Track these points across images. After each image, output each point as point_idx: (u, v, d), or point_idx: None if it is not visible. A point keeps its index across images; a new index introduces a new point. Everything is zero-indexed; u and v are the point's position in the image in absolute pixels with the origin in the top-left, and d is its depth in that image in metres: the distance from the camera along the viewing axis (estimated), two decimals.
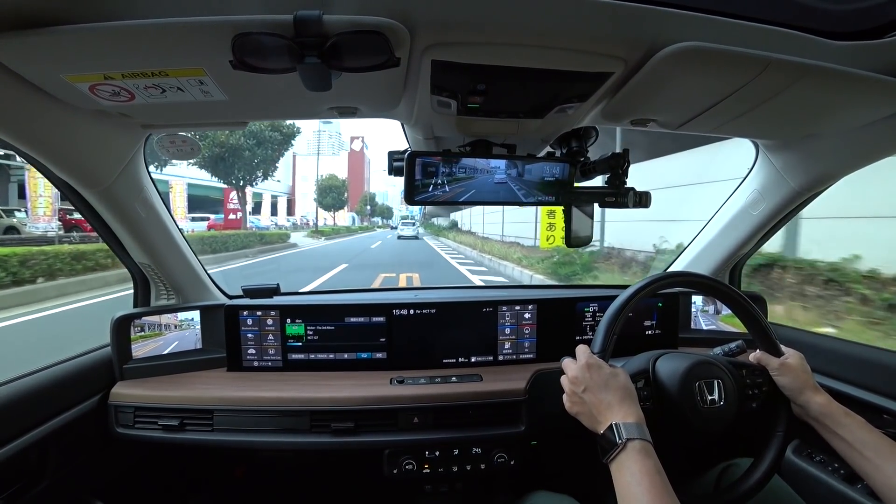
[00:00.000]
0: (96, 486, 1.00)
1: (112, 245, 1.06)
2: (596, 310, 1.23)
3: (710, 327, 1.31)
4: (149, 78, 0.58)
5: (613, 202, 0.89)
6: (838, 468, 0.96)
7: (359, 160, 69.29)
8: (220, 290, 1.27)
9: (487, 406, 1.01)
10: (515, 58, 0.57)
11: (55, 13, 0.48)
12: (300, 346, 1.15)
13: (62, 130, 0.73)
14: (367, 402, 0.99)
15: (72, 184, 0.87)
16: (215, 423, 0.98)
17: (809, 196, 1.07)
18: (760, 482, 0.71)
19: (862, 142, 0.86)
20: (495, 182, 0.82)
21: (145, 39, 0.50)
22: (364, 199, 57.89)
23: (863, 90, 0.65)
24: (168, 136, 0.93)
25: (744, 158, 1.16)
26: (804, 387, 0.72)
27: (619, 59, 0.59)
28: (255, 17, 0.47)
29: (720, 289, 0.79)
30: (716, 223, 1.27)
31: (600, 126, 0.89)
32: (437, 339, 1.17)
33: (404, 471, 0.99)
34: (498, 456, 1.01)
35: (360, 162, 69.49)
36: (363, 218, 57.55)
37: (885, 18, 0.55)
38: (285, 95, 0.69)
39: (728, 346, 0.87)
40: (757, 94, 0.66)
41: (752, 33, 0.54)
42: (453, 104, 0.71)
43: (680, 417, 0.71)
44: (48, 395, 0.89)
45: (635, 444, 0.58)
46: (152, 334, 1.10)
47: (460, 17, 0.51)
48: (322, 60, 0.50)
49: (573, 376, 0.68)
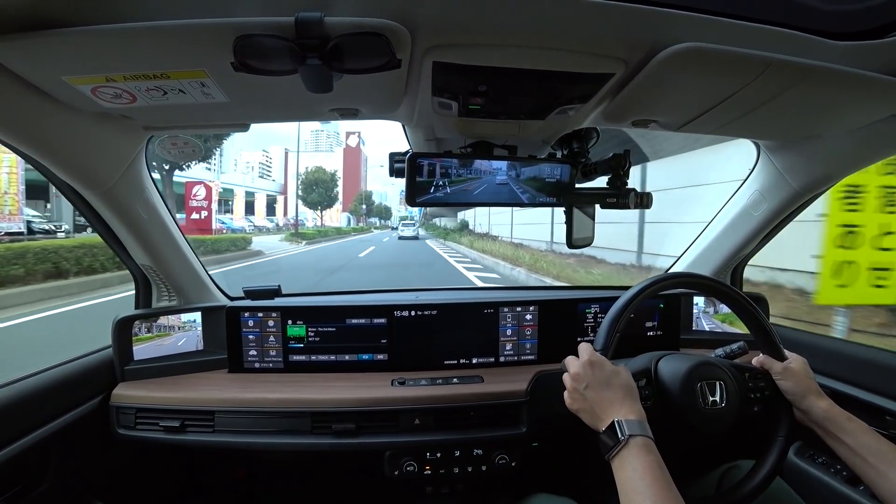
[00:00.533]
0: (97, 486, 1.00)
1: (113, 246, 1.07)
2: (597, 311, 1.23)
3: (713, 328, 1.31)
4: (150, 80, 0.58)
5: (615, 203, 0.89)
6: (840, 470, 0.96)
7: (355, 156, 64.16)
8: (221, 291, 1.27)
9: (489, 407, 1.01)
10: (516, 59, 0.57)
11: (57, 15, 0.48)
12: (301, 347, 1.15)
13: (64, 132, 0.73)
14: (369, 403, 0.99)
15: (74, 185, 0.87)
16: (216, 424, 0.98)
17: (811, 197, 1.07)
18: (762, 484, 0.71)
19: (863, 142, 0.86)
20: (497, 183, 0.83)
21: (147, 41, 0.50)
22: (360, 198, 54.46)
23: (864, 90, 0.65)
24: (169, 137, 0.94)
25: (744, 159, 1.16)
26: (807, 392, 0.71)
27: (619, 61, 0.59)
28: (256, 19, 0.47)
29: (722, 290, 0.79)
30: (717, 224, 1.27)
31: (601, 127, 0.89)
32: (438, 341, 1.17)
33: (405, 472, 0.99)
34: (499, 457, 1.01)
35: (356, 158, 64.38)
36: (359, 218, 54.24)
37: (885, 18, 0.55)
38: (286, 97, 0.69)
39: (730, 346, 0.87)
40: (758, 94, 0.66)
41: (752, 34, 0.54)
42: (454, 106, 0.71)
43: (681, 417, 0.71)
44: (50, 396, 0.89)
45: (637, 441, 0.58)
46: (153, 336, 1.10)
47: (461, 18, 0.51)
48: (323, 62, 0.50)
49: (575, 373, 0.68)
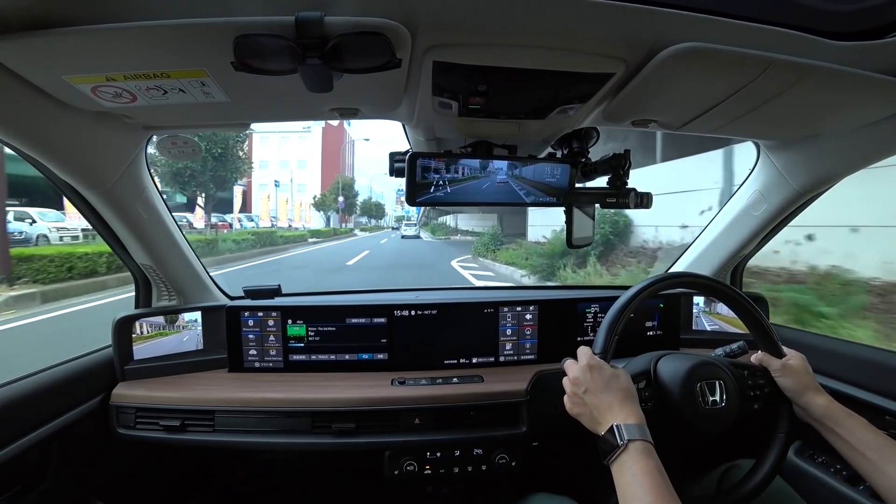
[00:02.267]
0: (98, 486, 1.00)
1: (113, 246, 1.07)
2: (597, 310, 1.23)
3: (714, 328, 1.31)
4: (150, 79, 0.58)
5: (615, 203, 0.89)
6: (840, 469, 0.96)
7: (336, 137, 43.92)
8: (221, 290, 1.27)
9: (489, 407, 1.01)
10: (516, 59, 0.57)
11: (57, 15, 0.48)
12: (301, 346, 1.15)
13: (64, 131, 0.73)
14: (369, 403, 0.99)
15: (73, 184, 0.87)
16: (216, 423, 0.98)
17: (811, 197, 1.07)
18: (762, 484, 0.71)
19: (863, 142, 0.86)
20: (497, 183, 0.83)
21: (147, 41, 0.50)
22: (335, 187, 33.83)
23: (864, 90, 0.65)
24: (169, 137, 0.94)
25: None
26: (806, 388, 0.72)
27: (620, 60, 0.59)
28: (256, 19, 0.47)
29: (722, 289, 0.79)
30: (717, 224, 1.27)
31: (601, 127, 0.89)
32: (438, 340, 1.17)
33: (405, 472, 0.99)
34: (499, 457, 1.01)
35: (337, 139, 44.19)
36: (344, 218, 35.26)
37: (886, 18, 0.55)
38: (286, 96, 0.69)
39: (730, 346, 0.87)
40: (758, 94, 0.66)
41: (753, 34, 0.54)
42: (454, 105, 0.71)
43: (681, 418, 0.71)
44: (50, 396, 0.89)
45: (637, 445, 0.58)
46: (154, 335, 1.11)
47: (461, 18, 0.51)
48: (323, 62, 0.50)
49: (574, 378, 0.68)
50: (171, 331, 1.13)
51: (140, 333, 1.08)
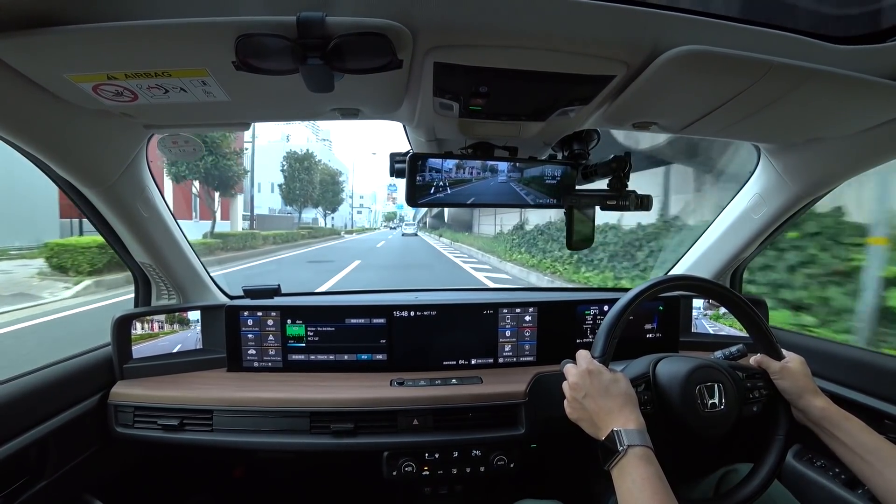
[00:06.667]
0: (95, 485, 1.00)
1: (113, 244, 1.07)
2: (596, 313, 1.23)
3: (716, 331, 1.31)
4: (152, 78, 0.58)
5: (615, 205, 0.89)
6: (839, 473, 0.96)
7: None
8: (220, 290, 1.27)
9: (487, 408, 1.01)
10: (518, 60, 0.57)
11: (59, 13, 0.48)
12: (301, 346, 1.15)
13: (65, 130, 0.73)
14: (367, 403, 0.99)
15: (74, 183, 0.87)
16: (215, 423, 0.98)
17: (811, 200, 1.07)
18: (760, 487, 0.71)
19: (864, 146, 0.86)
20: (497, 184, 0.83)
21: (148, 40, 0.50)
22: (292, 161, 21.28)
23: (865, 94, 0.65)
24: (170, 136, 0.94)
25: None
26: (804, 390, 0.71)
27: (621, 63, 0.59)
28: (258, 18, 0.47)
29: (721, 292, 0.79)
30: (717, 227, 1.27)
31: (602, 129, 0.89)
32: (437, 341, 1.17)
33: (403, 473, 0.99)
34: (497, 459, 1.01)
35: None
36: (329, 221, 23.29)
37: (887, 23, 0.55)
38: (287, 96, 0.69)
39: (729, 349, 0.87)
40: (759, 97, 0.66)
41: (754, 37, 0.54)
42: (455, 106, 0.71)
43: (681, 421, 0.71)
44: (48, 393, 0.89)
45: (636, 451, 0.58)
46: (153, 334, 1.10)
47: (463, 19, 0.51)
48: (325, 62, 0.50)
49: (573, 382, 0.68)
50: (170, 330, 1.13)
51: (139, 332, 1.08)
